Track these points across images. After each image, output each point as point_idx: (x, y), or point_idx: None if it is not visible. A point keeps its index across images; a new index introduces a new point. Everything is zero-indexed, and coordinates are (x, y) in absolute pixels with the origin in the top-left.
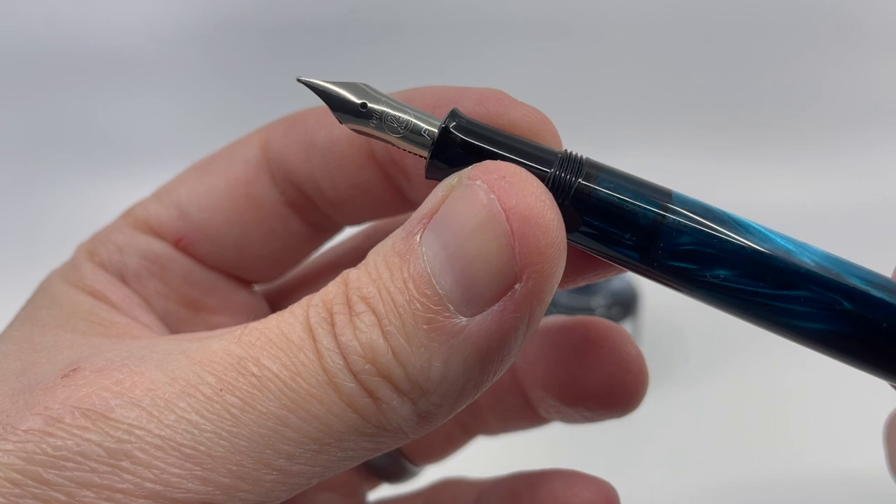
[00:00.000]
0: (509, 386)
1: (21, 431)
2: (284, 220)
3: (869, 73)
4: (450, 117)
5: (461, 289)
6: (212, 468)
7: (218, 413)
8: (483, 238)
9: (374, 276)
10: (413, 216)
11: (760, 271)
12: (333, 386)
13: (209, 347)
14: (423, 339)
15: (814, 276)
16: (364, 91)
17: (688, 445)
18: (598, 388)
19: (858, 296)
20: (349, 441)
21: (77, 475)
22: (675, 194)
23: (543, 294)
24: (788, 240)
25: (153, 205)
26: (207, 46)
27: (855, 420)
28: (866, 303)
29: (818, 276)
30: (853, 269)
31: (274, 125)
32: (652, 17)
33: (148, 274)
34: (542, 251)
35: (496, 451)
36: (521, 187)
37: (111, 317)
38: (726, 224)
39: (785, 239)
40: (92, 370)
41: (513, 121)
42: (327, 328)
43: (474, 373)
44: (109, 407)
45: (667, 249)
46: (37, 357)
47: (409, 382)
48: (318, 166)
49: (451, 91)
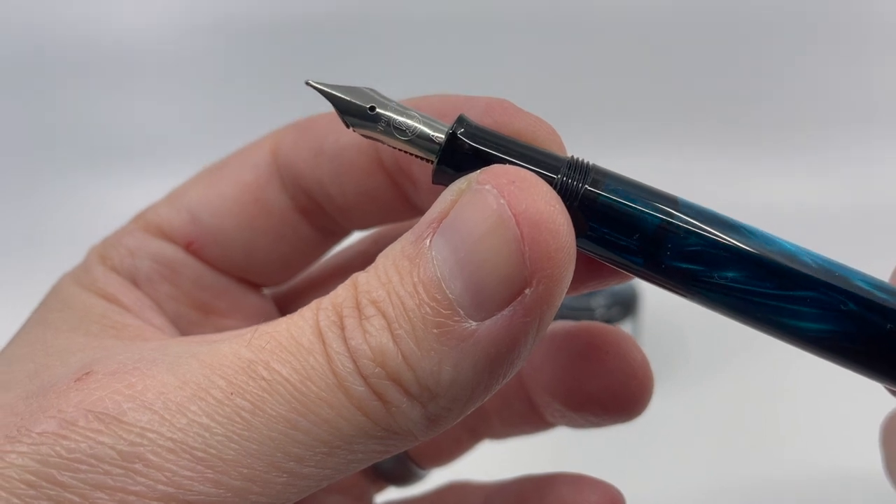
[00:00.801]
0: (516, 391)
1: (35, 434)
2: (294, 226)
3: (869, 73)
4: (457, 123)
5: (471, 293)
6: (223, 471)
7: (229, 416)
8: (493, 243)
9: (383, 279)
10: (422, 220)
11: (766, 273)
12: (343, 389)
13: (219, 351)
14: (433, 343)
15: (819, 279)
16: (372, 96)
17: (688, 445)
18: (603, 394)
19: (863, 298)
20: (359, 444)
21: (91, 477)
22: (681, 200)
23: (553, 298)
24: (793, 246)
25: (164, 209)
26: (211, 45)
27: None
28: (871, 305)
29: (823, 278)
30: (857, 273)
31: (284, 131)
32: (652, 17)
33: (159, 277)
34: (553, 256)
35: (503, 453)
36: (531, 192)
37: (123, 319)
38: (732, 230)
39: (789, 244)
40: (104, 373)
41: (518, 130)
42: (337, 331)
43: (484, 377)
44: (122, 410)
45: (672, 253)
46: (49, 360)
47: (418, 386)
48: (326, 173)
49: (458, 99)
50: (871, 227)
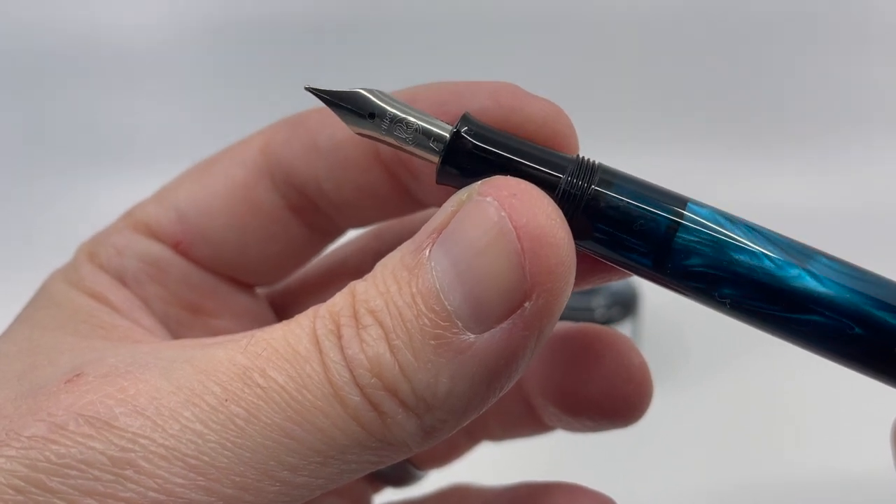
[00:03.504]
0: (513, 394)
1: (24, 438)
2: (285, 224)
3: (869, 73)
4: (461, 122)
5: (470, 306)
6: (215, 479)
7: (222, 423)
8: (493, 256)
9: (381, 289)
10: (422, 230)
11: (770, 294)
12: (339, 399)
13: (214, 356)
14: (430, 355)
15: (825, 302)
16: (371, 100)
17: (688, 446)
18: (600, 399)
19: (870, 321)
20: (353, 454)
21: (80, 483)
22: (690, 203)
23: (553, 312)
24: (801, 254)
25: (152, 207)
26: (209, 46)
27: (857, 421)
28: (878, 329)
29: (829, 301)
30: (867, 286)
31: (275, 127)
32: (653, 16)
33: (147, 277)
34: (553, 270)
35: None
36: (532, 205)
37: (112, 319)
38: (739, 238)
39: (798, 252)
40: (96, 376)
41: (528, 115)
42: (334, 340)
43: (481, 389)
44: (113, 415)
45: (675, 268)
46: (38, 359)
47: (414, 398)
48: (321, 169)
49: (461, 86)
50: (873, 227)
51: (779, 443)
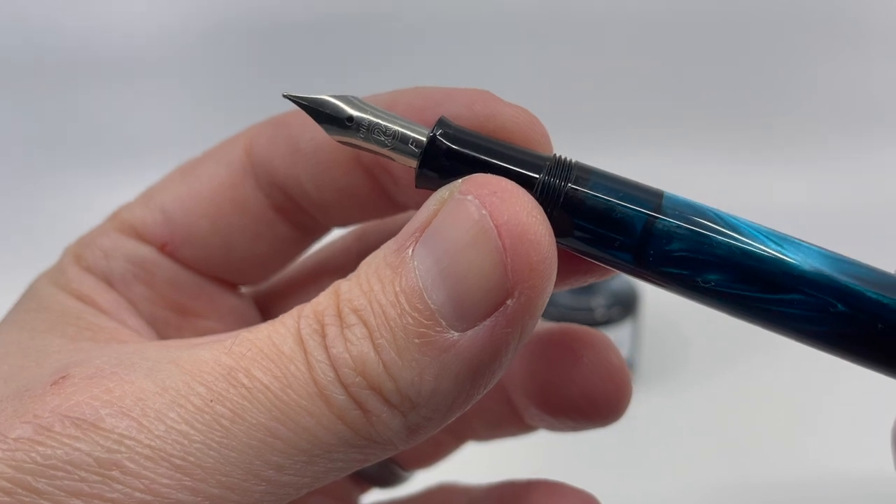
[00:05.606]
0: (495, 395)
1: (11, 440)
2: (270, 224)
3: (869, 73)
4: (438, 125)
5: (453, 304)
6: (201, 479)
7: (208, 424)
8: (475, 254)
9: (365, 288)
10: (404, 229)
11: (751, 275)
12: (324, 398)
13: (199, 357)
14: (414, 353)
15: (805, 279)
16: (349, 104)
17: (688, 445)
18: (579, 399)
19: (851, 297)
20: (339, 452)
21: (67, 484)
22: (666, 195)
23: (535, 309)
24: (779, 238)
25: (138, 209)
26: (205, 46)
27: (857, 421)
28: (860, 304)
29: (810, 278)
30: (846, 266)
31: (258, 128)
32: (649, 17)
33: (134, 278)
34: (534, 267)
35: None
36: (513, 203)
37: (99, 321)
38: (717, 224)
39: (776, 238)
40: (81, 378)
41: (501, 122)
42: (318, 340)
43: (465, 387)
44: (99, 416)
45: (657, 255)
46: (25, 361)
47: (399, 396)
48: (303, 170)
49: (437, 93)
50: (872, 227)
51: (779, 442)
